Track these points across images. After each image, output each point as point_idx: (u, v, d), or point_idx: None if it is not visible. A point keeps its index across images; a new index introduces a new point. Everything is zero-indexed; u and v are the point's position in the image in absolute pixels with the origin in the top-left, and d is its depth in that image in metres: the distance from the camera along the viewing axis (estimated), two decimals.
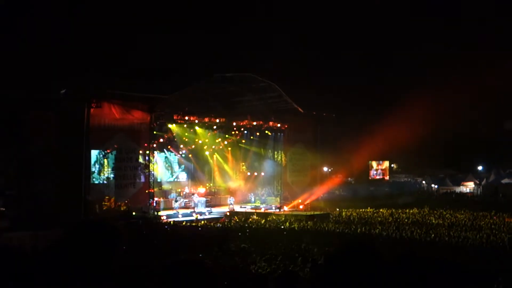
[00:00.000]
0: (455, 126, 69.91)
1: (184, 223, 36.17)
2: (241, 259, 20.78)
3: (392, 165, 74.26)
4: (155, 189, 40.00)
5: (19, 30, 40.82)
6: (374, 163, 65.76)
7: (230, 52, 55.36)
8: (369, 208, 46.87)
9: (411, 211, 44.46)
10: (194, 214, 39.66)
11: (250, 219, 38.51)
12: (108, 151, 36.01)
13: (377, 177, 65.65)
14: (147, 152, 38.25)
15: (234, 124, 45.52)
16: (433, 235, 30.04)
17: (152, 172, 38.78)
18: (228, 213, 41.38)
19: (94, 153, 35.31)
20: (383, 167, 67.96)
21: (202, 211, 41.34)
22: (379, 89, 66.66)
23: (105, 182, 36.04)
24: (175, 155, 46.83)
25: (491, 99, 66.33)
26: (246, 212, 41.74)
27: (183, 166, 48.31)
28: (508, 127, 68.06)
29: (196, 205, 42.53)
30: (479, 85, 56.96)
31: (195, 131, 43.70)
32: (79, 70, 38.08)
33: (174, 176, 47.73)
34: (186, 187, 46.11)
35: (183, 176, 48.47)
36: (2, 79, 33.69)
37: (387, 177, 68.68)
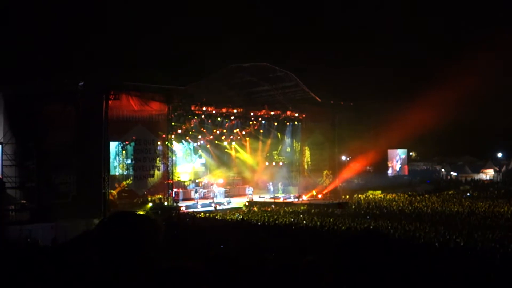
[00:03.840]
0: (474, 113, 69.33)
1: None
2: None
3: (411, 153, 73.81)
4: (174, 180, 40.09)
5: (35, 23, 41.00)
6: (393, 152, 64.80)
7: (243, 41, 55.21)
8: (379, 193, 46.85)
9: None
10: (213, 205, 39.74)
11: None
12: (127, 142, 36.15)
13: (397, 168, 64.76)
14: (166, 143, 38.34)
15: (252, 114, 45.50)
16: None
17: (171, 163, 38.87)
18: (247, 203, 41.38)
19: (113, 145, 35.46)
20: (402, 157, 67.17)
21: (221, 202, 41.41)
22: (397, 77, 66.22)
23: (124, 173, 36.18)
24: (194, 145, 46.87)
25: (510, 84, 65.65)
26: (264, 202, 41.73)
27: (201, 156, 48.35)
28: None
29: (215, 196, 42.62)
30: (497, 70, 56.39)
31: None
32: (97, 63, 38.15)
33: (192, 167, 47.78)
34: (205, 178, 46.17)
35: (202, 167, 48.52)
36: (20, 73, 33.84)
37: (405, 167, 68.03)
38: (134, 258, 2.81)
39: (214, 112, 42.55)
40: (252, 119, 46.07)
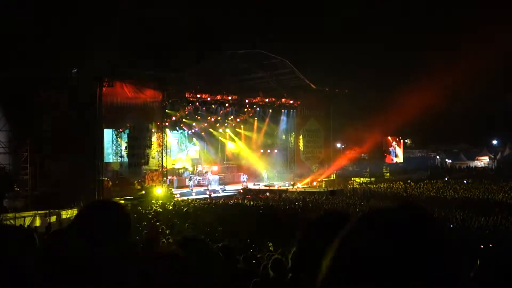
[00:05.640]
0: (469, 100, 69.35)
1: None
2: None
3: (406, 141, 73.80)
4: (169, 168, 40.02)
5: (27, 8, 40.73)
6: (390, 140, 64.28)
7: (240, 28, 55.01)
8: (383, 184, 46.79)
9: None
10: (207, 192, 39.71)
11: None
12: (121, 130, 36.00)
13: (392, 155, 64.24)
14: (160, 130, 38.22)
15: (247, 101, 45.43)
16: None
17: (165, 151, 38.78)
18: (241, 191, 41.40)
19: (107, 133, 35.32)
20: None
21: (215, 189, 41.42)
22: (392, 63, 66.08)
23: (118, 161, 36.08)
24: (188, 133, 46.82)
25: (507, 70, 65.59)
26: (259, 190, 41.73)
27: (196, 144, 48.31)
28: None
29: (209, 183, 42.58)
30: (493, 56, 56.31)
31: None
32: (91, 49, 37.92)
33: (187, 154, 47.76)
34: (200, 165, 46.11)
35: (196, 154, 48.49)
36: (13, 59, 33.64)
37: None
38: (112, 246, 2.78)
39: (208, 99, 42.46)
40: (247, 106, 46.01)
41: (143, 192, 36.06)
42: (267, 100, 46.14)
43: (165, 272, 2.53)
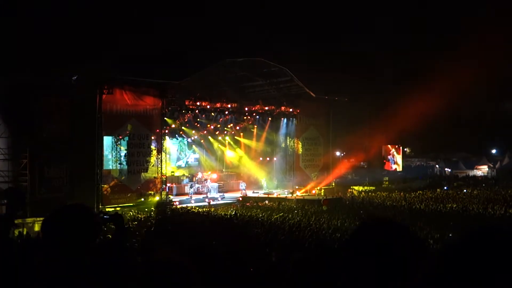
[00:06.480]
0: (468, 109, 69.39)
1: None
2: None
3: (406, 149, 73.69)
4: (168, 175, 39.99)
5: (27, 14, 40.85)
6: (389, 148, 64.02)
7: (238, 35, 55.21)
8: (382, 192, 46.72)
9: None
10: (206, 200, 39.70)
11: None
12: (121, 137, 36.02)
13: (392, 164, 63.85)
14: (160, 138, 38.23)
15: (246, 109, 45.47)
16: None
17: (165, 158, 38.78)
18: (240, 199, 41.39)
19: (106, 139, 35.34)
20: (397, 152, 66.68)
21: (214, 197, 41.42)
22: (391, 72, 66.15)
23: (118, 168, 36.08)
24: (187, 140, 46.83)
25: (507, 79, 65.60)
26: (258, 198, 41.70)
27: (195, 152, 48.31)
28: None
29: (209, 191, 42.57)
30: (493, 65, 56.42)
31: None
32: (90, 56, 38.03)
33: (186, 162, 47.78)
34: (199, 173, 46.10)
35: (195, 162, 48.49)
36: (13, 65, 33.68)
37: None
38: (76, 251, 2.81)
39: (208, 107, 42.48)
40: (247, 114, 46.04)
41: (142, 199, 36.11)
42: (266, 108, 46.18)
43: (165, 279, 2.55)
